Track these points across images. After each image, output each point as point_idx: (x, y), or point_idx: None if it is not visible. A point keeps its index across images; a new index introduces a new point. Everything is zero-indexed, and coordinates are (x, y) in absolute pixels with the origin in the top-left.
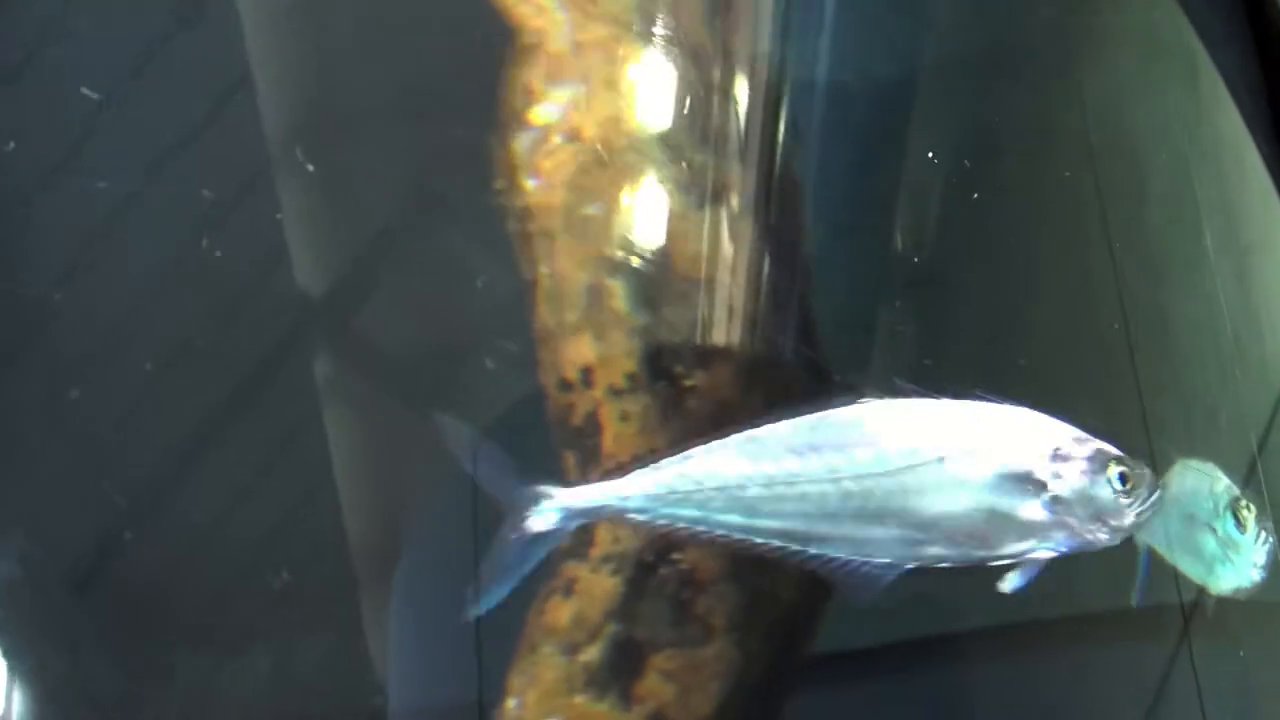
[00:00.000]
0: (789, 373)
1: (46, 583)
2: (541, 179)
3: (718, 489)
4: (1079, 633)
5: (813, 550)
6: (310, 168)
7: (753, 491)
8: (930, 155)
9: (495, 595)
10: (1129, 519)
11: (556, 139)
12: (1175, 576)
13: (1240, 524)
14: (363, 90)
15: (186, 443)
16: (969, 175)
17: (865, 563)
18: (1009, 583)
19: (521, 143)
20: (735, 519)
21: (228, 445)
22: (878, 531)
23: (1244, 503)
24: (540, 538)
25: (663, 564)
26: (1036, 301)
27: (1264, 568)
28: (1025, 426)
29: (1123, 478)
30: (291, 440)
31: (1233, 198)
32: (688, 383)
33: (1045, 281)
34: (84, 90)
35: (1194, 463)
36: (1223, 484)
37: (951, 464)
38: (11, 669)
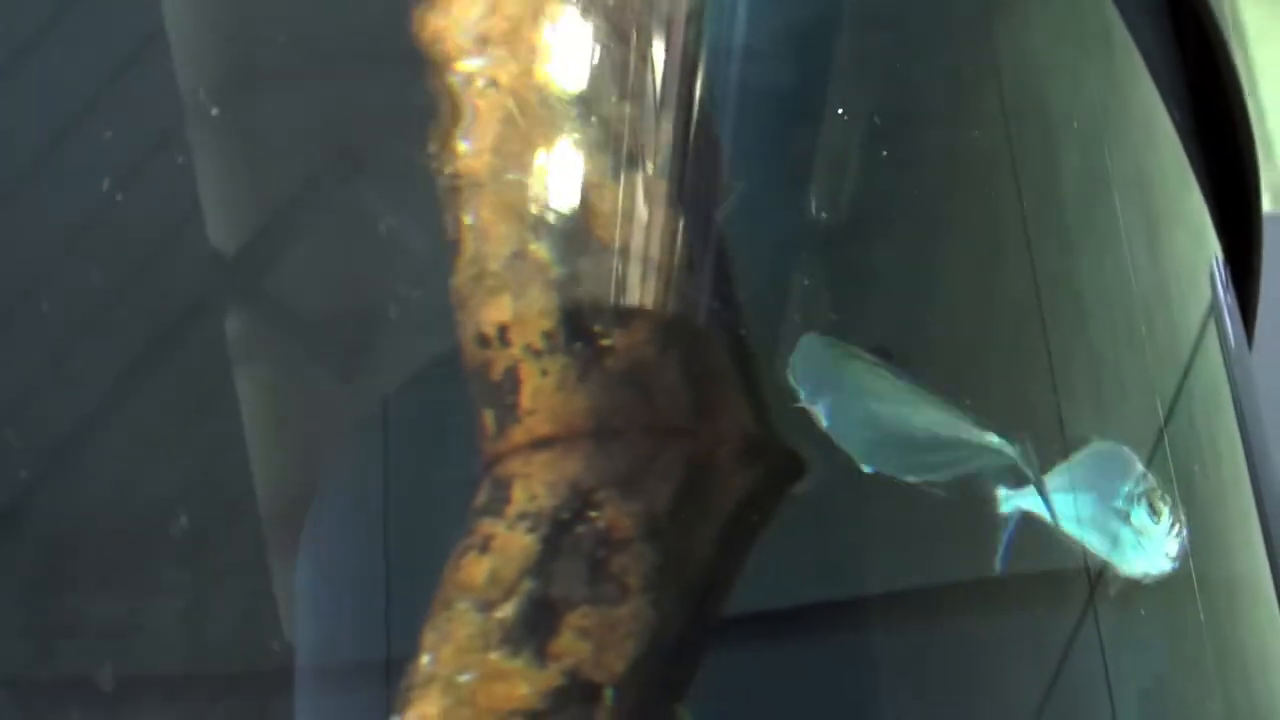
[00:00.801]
0: (706, 331)
1: None
2: (470, 139)
3: None
4: (986, 596)
5: None
6: (214, 111)
7: None
8: (841, 113)
9: None
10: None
11: (480, 84)
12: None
13: (1154, 514)
14: (280, 41)
15: (94, 399)
16: (881, 135)
17: None
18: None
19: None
20: None
21: (137, 403)
22: None
23: (1159, 493)
24: None
25: (579, 522)
26: (949, 263)
27: (1175, 558)
28: None
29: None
30: (203, 400)
31: (1144, 167)
32: (605, 342)
33: (957, 244)
34: None
35: (1109, 444)
36: (1138, 471)
37: None
38: None
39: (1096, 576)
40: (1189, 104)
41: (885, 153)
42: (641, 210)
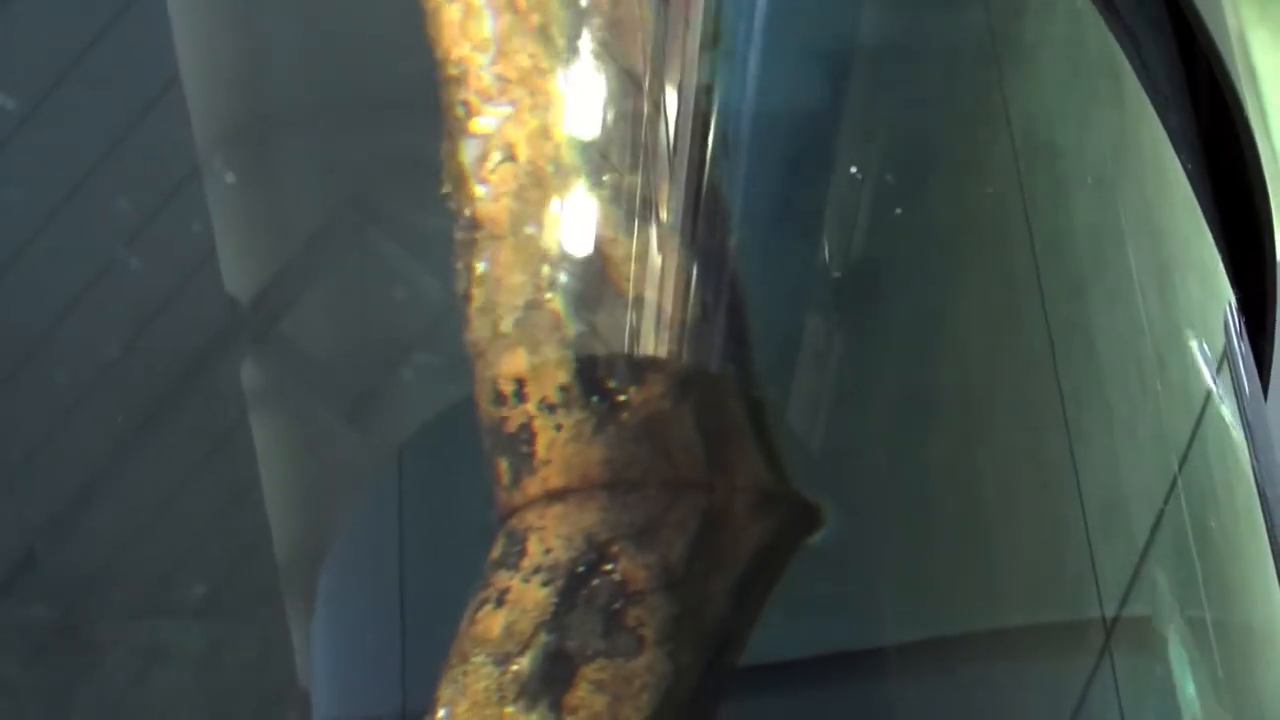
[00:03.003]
0: (720, 385)
1: None
2: (489, 188)
3: None
4: (1001, 646)
5: None
6: (230, 178)
7: None
8: (854, 171)
9: None
10: None
11: (496, 157)
12: (1097, 589)
13: None
14: (294, 93)
15: (108, 453)
16: (893, 191)
17: None
18: None
19: (467, 152)
20: None
21: (151, 454)
22: None
23: None
24: None
25: (595, 575)
26: (962, 314)
27: None
28: None
29: None
30: (216, 450)
31: (1155, 212)
32: (620, 397)
33: (970, 294)
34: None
35: None
36: None
37: None
38: None
39: (1111, 625)
40: (1196, 146)
41: (898, 210)
42: (656, 264)
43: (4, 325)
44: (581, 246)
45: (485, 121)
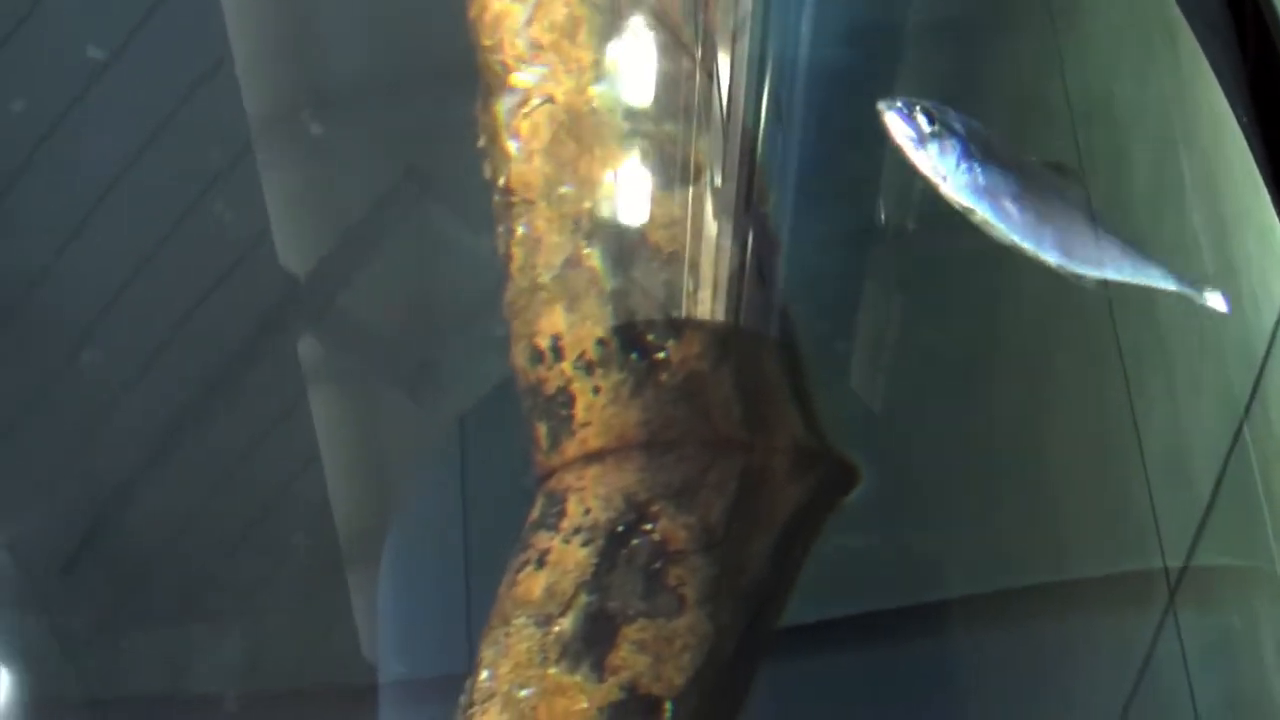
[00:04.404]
0: (759, 343)
1: (33, 565)
2: (521, 142)
3: None
4: (1064, 599)
5: None
6: (315, 129)
7: None
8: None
9: None
10: None
11: (534, 102)
12: (1160, 542)
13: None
14: (348, 66)
15: (172, 421)
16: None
17: None
18: None
19: (502, 106)
20: None
21: (214, 424)
22: None
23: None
24: None
25: (634, 535)
26: (1018, 271)
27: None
28: None
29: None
30: (279, 418)
31: (1212, 170)
32: (659, 355)
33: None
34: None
35: None
36: None
37: None
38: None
39: (1179, 578)
40: (1253, 103)
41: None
42: (696, 222)
43: (69, 302)
44: (619, 203)
45: (523, 76)
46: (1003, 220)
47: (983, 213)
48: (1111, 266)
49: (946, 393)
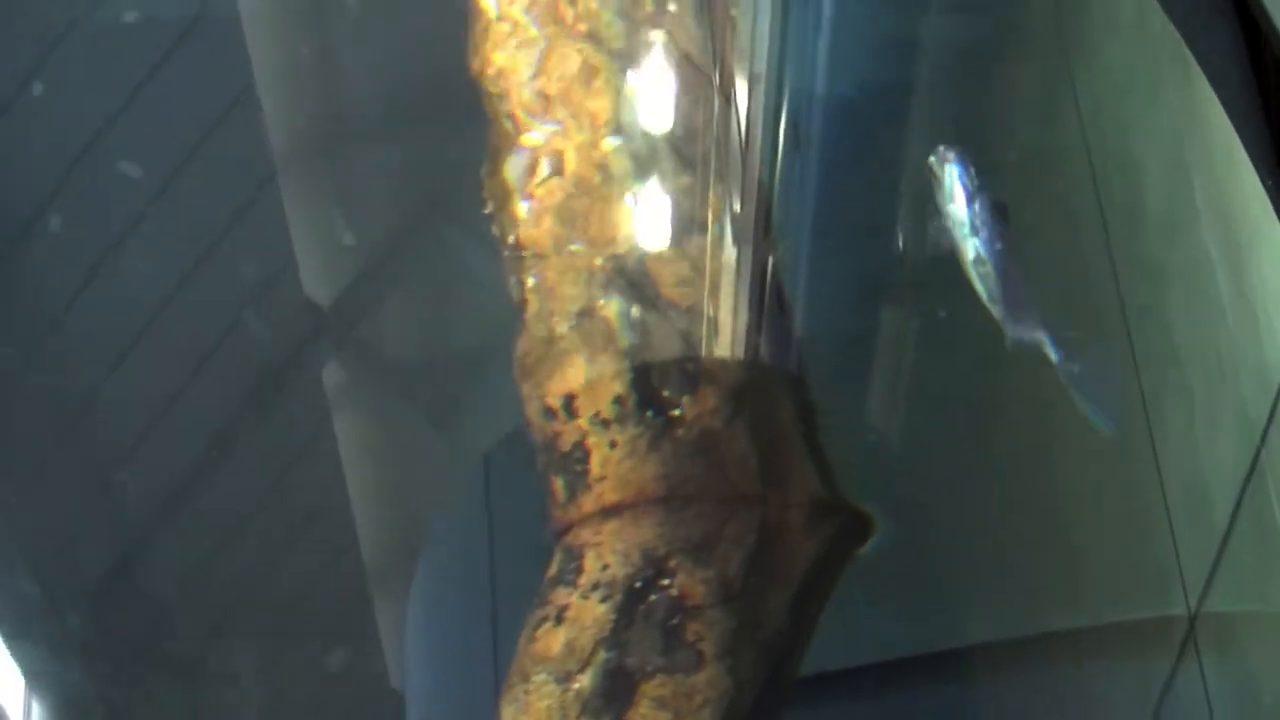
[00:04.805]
0: (773, 396)
1: (62, 596)
2: (531, 205)
3: None
4: (1084, 645)
5: None
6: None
7: None
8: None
9: None
10: None
11: (544, 164)
12: (1182, 585)
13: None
14: (366, 101)
15: (200, 452)
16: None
17: None
18: None
19: (511, 170)
20: None
21: (240, 454)
22: None
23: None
24: None
25: (652, 590)
26: (1041, 301)
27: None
28: None
29: None
30: (303, 451)
31: (1226, 193)
32: (675, 411)
33: (1046, 282)
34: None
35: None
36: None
37: None
38: (30, 679)
39: (1195, 614)
40: (1264, 131)
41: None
42: (709, 274)
43: (97, 334)
44: (632, 257)
45: (533, 136)
46: (994, 281)
47: (985, 271)
48: (1026, 326)
49: (962, 437)
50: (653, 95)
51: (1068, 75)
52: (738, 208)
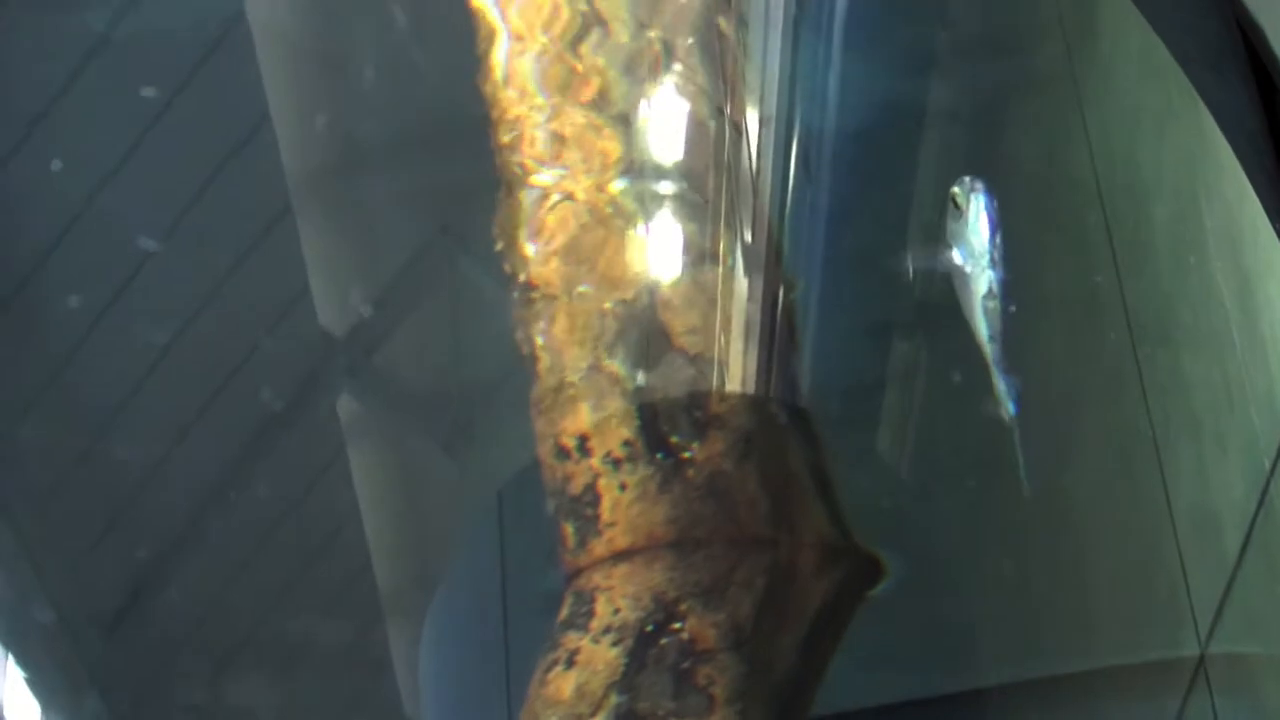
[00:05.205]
0: (783, 439)
1: (79, 626)
2: (539, 245)
3: None
4: (1095, 687)
5: None
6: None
7: None
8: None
9: None
10: None
11: (552, 201)
12: (1194, 625)
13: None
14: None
15: (212, 483)
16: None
17: None
18: None
19: (521, 209)
20: None
21: (255, 484)
22: None
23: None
24: None
25: (663, 634)
26: (1040, 349)
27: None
28: None
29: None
30: (317, 481)
31: (1235, 221)
32: (685, 454)
33: (1056, 306)
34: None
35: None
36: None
37: None
38: (47, 708)
39: (1203, 654)
40: (1275, 167)
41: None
42: (717, 315)
43: (111, 362)
44: (640, 301)
45: (542, 177)
46: (997, 318)
47: (992, 307)
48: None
49: (971, 479)
50: (662, 139)
51: (1078, 110)
52: (749, 239)
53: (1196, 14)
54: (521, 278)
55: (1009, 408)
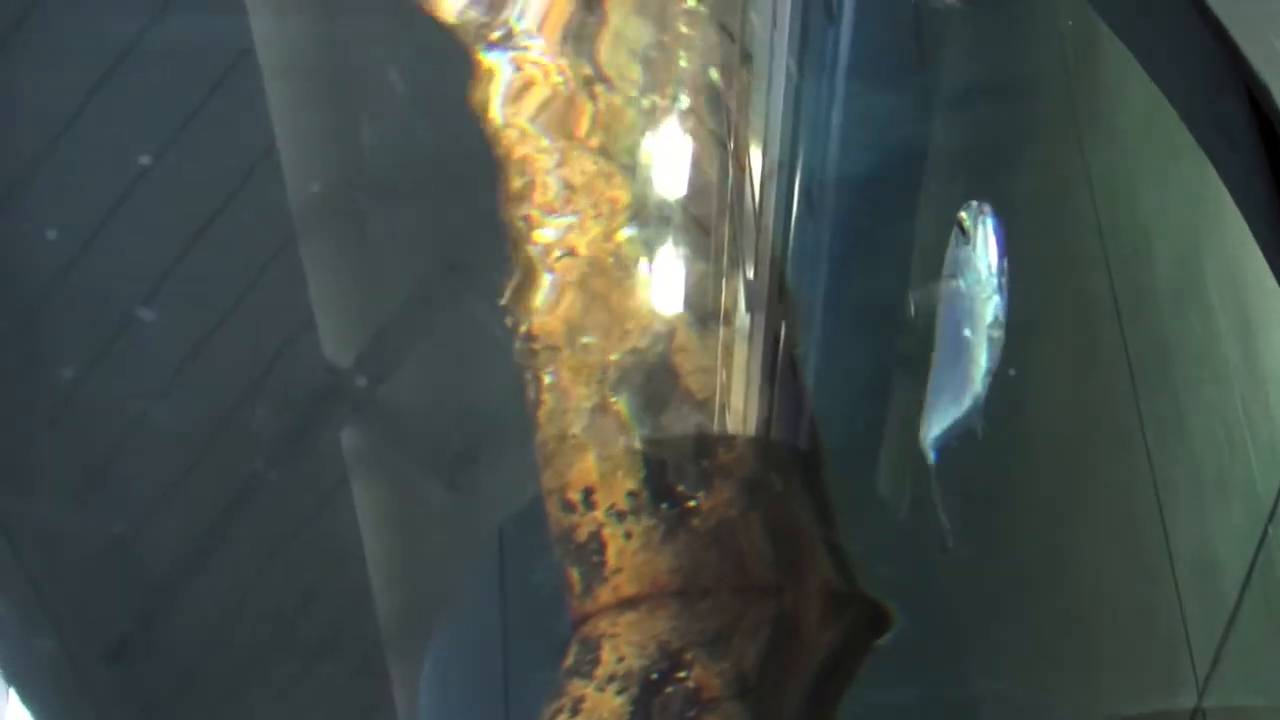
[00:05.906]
0: (788, 488)
1: (81, 655)
2: (545, 295)
3: None
4: None
5: None
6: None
7: None
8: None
9: None
10: None
11: (556, 255)
12: (1194, 674)
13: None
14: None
15: (215, 516)
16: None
17: None
18: None
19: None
20: None
21: (256, 517)
22: None
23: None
24: None
25: (668, 683)
26: (1042, 390)
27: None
28: None
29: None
30: (319, 514)
31: (1237, 266)
32: (690, 503)
33: (1058, 354)
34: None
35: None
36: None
37: None
38: None
39: (1199, 705)
40: (1269, 206)
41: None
42: (722, 364)
43: (115, 391)
44: (645, 349)
45: (547, 232)
46: (998, 349)
47: (997, 337)
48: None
49: (977, 525)
50: (669, 184)
51: (1080, 155)
52: (754, 281)
53: (1197, 61)
54: (524, 329)
55: (930, 456)
